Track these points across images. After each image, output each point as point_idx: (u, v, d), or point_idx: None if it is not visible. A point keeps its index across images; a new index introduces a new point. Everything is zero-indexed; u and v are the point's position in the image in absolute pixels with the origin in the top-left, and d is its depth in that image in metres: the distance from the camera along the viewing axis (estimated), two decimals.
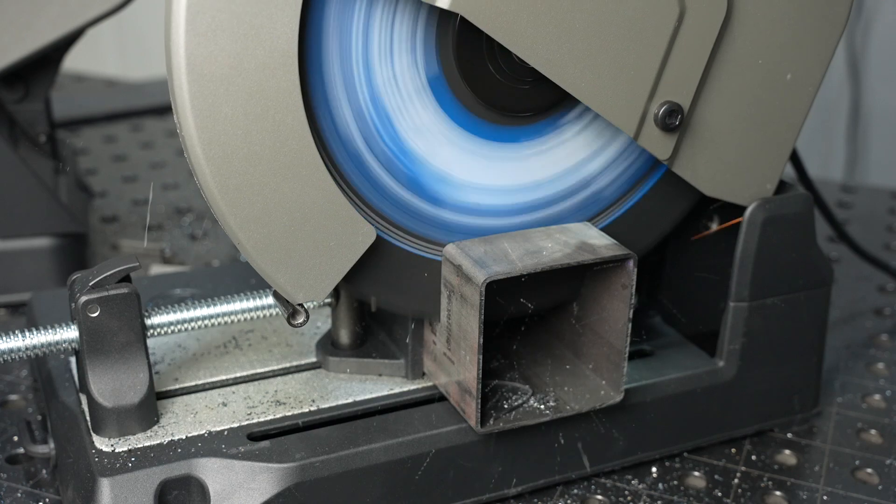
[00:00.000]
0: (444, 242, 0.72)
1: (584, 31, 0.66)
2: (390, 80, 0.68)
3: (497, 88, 0.70)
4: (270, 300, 0.75)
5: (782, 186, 0.78)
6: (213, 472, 0.67)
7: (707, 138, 0.73)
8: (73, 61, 1.39)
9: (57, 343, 0.70)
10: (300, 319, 0.70)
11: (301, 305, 0.69)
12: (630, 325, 0.71)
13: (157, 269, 1.07)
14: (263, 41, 0.61)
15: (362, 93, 0.67)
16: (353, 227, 0.67)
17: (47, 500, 0.74)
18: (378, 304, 0.73)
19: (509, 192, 0.73)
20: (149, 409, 0.70)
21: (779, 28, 0.72)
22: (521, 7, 0.64)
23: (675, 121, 0.70)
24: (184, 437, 0.69)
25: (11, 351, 0.70)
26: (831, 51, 0.74)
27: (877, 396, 0.88)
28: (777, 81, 0.73)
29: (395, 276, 0.72)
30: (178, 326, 0.73)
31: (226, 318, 0.74)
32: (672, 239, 0.84)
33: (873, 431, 0.83)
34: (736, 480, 0.77)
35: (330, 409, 0.73)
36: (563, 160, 0.74)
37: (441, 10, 0.64)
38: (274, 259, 0.65)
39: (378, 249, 0.69)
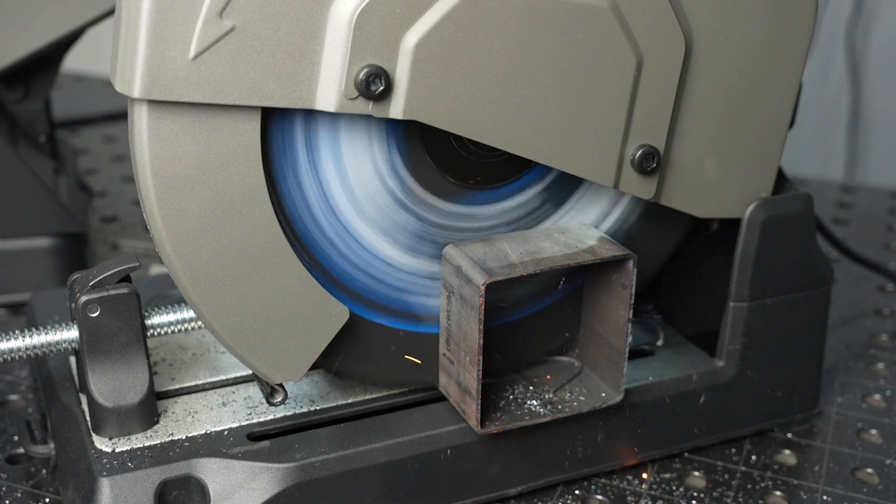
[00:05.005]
0: (420, 314, 0.72)
1: (543, 102, 0.65)
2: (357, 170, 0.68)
3: (469, 166, 0.70)
4: None
5: (782, 186, 0.78)
6: (213, 472, 0.67)
7: (690, 167, 0.72)
8: (73, 61, 1.38)
9: (57, 343, 0.70)
10: (279, 398, 0.70)
11: (280, 384, 0.70)
12: (630, 324, 0.71)
13: (157, 269, 1.06)
14: (226, 140, 0.61)
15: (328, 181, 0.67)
16: (326, 307, 0.67)
17: (47, 500, 0.74)
18: (363, 381, 0.74)
19: None
20: (149, 409, 0.70)
21: (743, 47, 0.70)
22: (475, 97, 0.63)
23: (652, 163, 0.69)
24: (184, 437, 0.69)
25: (11, 351, 0.70)
26: (803, 54, 0.73)
27: (877, 396, 0.88)
28: (752, 96, 0.72)
29: (374, 351, 0.72)
30: (178, 326, 0.73)
31: None
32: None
33: (873, 431, 0.83)
34: (736, 480, 0.77)
35: (330, 409, 0.73)
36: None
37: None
38: (249, 345, 0.66)
39: (353, 326, 0.69)
